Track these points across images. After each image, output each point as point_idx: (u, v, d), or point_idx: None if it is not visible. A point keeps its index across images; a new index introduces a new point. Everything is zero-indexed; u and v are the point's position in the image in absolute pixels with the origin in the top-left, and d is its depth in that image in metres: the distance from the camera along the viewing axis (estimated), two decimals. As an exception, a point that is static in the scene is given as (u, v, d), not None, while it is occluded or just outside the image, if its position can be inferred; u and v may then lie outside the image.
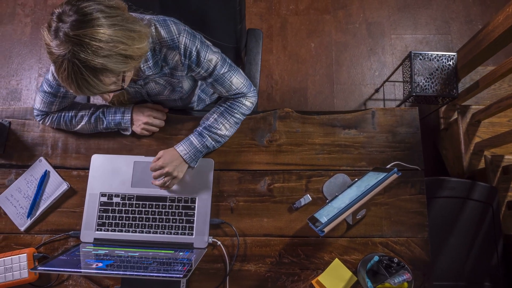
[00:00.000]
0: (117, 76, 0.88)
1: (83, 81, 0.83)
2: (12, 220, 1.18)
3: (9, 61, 2.38)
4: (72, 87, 0.84)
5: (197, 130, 1.16)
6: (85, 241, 1.15)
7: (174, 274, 0.91)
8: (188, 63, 1.05)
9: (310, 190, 1.18)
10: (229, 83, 1.12)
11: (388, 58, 2.27)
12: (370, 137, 1.21)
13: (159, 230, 1.15)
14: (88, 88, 0.84)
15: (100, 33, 0.80)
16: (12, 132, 1.25)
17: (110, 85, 0.89)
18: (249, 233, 1.15)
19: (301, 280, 1.12)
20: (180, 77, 1.11)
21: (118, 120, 1.18)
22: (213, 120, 1.16)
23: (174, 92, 1.17)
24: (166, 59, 1.04)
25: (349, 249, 1.13)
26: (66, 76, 0.82)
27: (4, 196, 1.19)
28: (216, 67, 1.09)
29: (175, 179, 1.13)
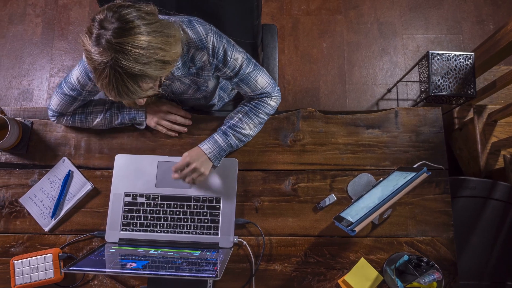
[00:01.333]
0: (154, 81, 0.89)
1: (124, 87, 0.83)
2: (36, 220, 1.18)
3: (20, 61, 2.38)
4: (112, 93, 0.85)
5: (221, 129, 1.16)
6: (110, 241, 1.15)
7: (206, 274, 0.91)
8: (215, 63, 1.05)
9: (334, 190, 1.18)
10: (255, 82, 1.12)
11: (400, 58, 2.27)
12: (393, 137, 1.21)
13: (184, 230, 1.15)
14: (127, 94, 0.85)
15: (141, 40, 0.81)
16: (35, 132, 1.25)
17: (148, 90, 0.90)
18: (274, 233, 1.15)
19: (327, 279, 1.12)
20: (206, 77, 1.11)
21: (133, 115, 1.19)
22: (237, 120, 1.16)
23: (199, 91, 1.17)
24: (194, 59, 1.05)
25: (374, 249, 1.13)
26: (107, 82, 0.82)
27: (28, 197, 1.19)
28: (242, 67, 1.09)
29: (202, 176, 1.13)
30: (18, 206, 1.19)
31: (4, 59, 2.38)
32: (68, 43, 2.39)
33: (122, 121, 1.20)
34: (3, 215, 1.19)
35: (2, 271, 1.15)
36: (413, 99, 2.21)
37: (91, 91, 1.12)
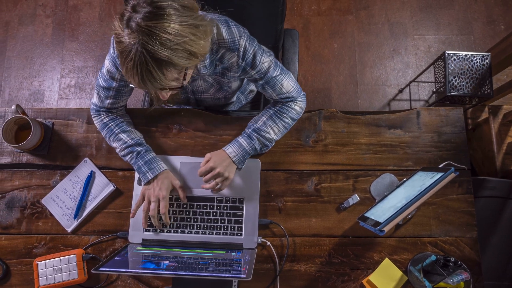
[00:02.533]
0: (179, 72, 0.88)
1: (147, 72, 0.82)
2: (59, 221, 1.18)
3: (31, 62, 2.37)
4: (136, 78, 0.84)
5: (246, 132, 1.16)
6: (133, 242, 1.15)
7: (235, 274, 0.90)
8: (243, 65, 1.05)
9: (357, 190, 1.18)
10: (280, 86, 1.12)
11: (411, 59, 2.27)
12: (415, 137, 1.21)
13: (208, 231, 1.15)
14: (150, 81, 0.84)
15: (170, 26, 0.81)
16: (56, 133, 1.25)
17: (172, 81, 0.88)
18: (298, 233, 1.15)
19: (351, 280, 1.12)
20: (231, 78, 1.11)
21: (143, 170, 1.13)
22: (262, 123, 1.15)
23: (221, 91, 1.17)
24: (222, 59, 1.04)
25: (398, 249, 1.13)
26: (131, 66, 0.82)
27: (50, 197, 1.19)
28: (269, 70, 1.08)
29: (227, 181, 1.13)
30: (40, 207, 1.19)
31: (15, 60, 2.38)
32: (78, 43, 2.39)
33: (133, 166, 1.15)
34: (25, 216, 1.19)
35: (26, 272, 1.15)
36: (425, 100, 2.21)
37: (121, 81, 1.09)
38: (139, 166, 1.12)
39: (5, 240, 1.17)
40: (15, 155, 1.23)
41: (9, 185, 1.21)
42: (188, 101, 1.29)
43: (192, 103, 1.30)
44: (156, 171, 1.12)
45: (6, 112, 1.28)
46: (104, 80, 1.10)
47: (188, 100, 1.28)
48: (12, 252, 1.16)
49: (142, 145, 1.16)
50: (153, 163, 1.13)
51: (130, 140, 1.15)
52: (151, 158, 1.13)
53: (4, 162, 1.23)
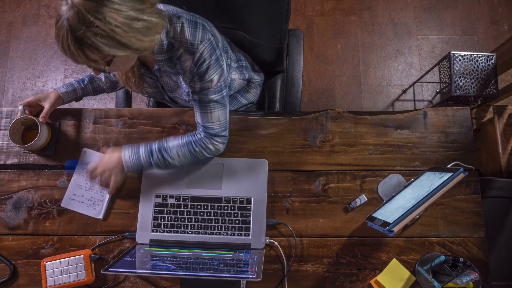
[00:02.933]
0: (103, 57, 0.87)
1: (67, 47, 0.83)
2: (87, 214, 1.18)
3: (34, 62, 2.37)
4: (59, 47, 0.85)
5: (152, 146, 1.12)
6: (140, 242, 1.15)
7: (245, 275, 0.90)
8: (194, 72, 1.03)
9: (364, 190, 1.18)
10: (209, 112, 1.08)
11: (414, 59, 2.27)
12: (422, 137, 1.21)
13: (215, 231, 1.15)
14: (71, 55, 0.85)
15: (103, 11, 0.80)
16: (62, 133, 1.25)
17: (91, 62, 0.88)
18: (305, 234, 1.15)
19: (359, 280, 1.12)
20: (185, 82, 1.10)
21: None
22: (171, 145, 1.12)
23: (186, 94, 1.16)
24: (180, 59, 1.03)
25: (406, 249, 1.13)
26: (56, 34, 0.83)
27: (68, 198, 1.19)
28: (209, 90, 1.05)
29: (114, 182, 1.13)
30: (47, 207, 1.19)
31: (18, 60, 2.38)
32: (82, 44, 2.39)
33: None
34: (32, 217, 1.19)
35: (33, 273, 1.15)
36: (429, 100, 2.21)
37: None
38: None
39: (12, 241, 1.17)
40: (22, 156, 1.23)
41: (16, 186, 1.21)
42: (163, 97, 1.27)
43: (166, 99, 1.28)
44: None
45: (12, 113, 1.28)
46: None
47: (163, 96, 1.26)
48: (20, 253, 1.16)
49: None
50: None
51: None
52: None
53: (11, 163, 1.23)
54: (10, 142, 1.24)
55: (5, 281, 1.14)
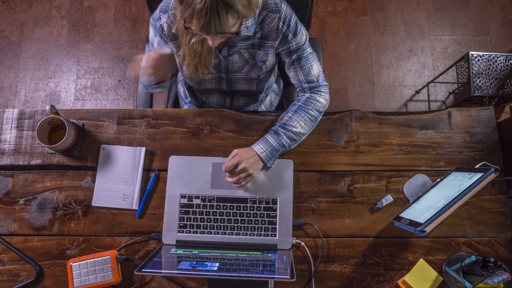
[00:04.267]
0: (237, 20, 0.91)
1: (216, 15, 0.85)
2: (122, 207, 1.18)
3: (47, 63, 2.37)
4: (202, 21, 0.86)
5: (273, 128, 1.17)
6: (167, 243, 1.15)
7: (280, 275, 0.90)
8: (284, 31, 1.07)
9: (390, 191, 1.18)
10: (310, 66, 1.14)
11: (427, 59, 2.28)
12: (447, 138, 1.22)
13: (242, 232, 1.15)
14: (215, 24, 0.87)
15: None
16: (86, 133, 1.25)
17: (231, 27, 0.91)
18: (332, 234, 1.15)
19: (386, 280, 1.12)
20: (268, 49, 1.12)
21: None
22: (287, 118, 1.16)
23: (254, 68, 1.18)
24: (263, 23, 1.06)
25: (432, 249, 1.13)
26: (200, 8, 0.84)
27: (97, 196, 1.19)
28: (305, 43, 1.12)
29: (250, 177, 1.13)
30: (72, 208, 1.19)
31: (30, 61, 2.38)
32: (94, 45, 2.39)
33: None
34: (57, 217, 1.19)
35: (59, 274, 1.15)
36: (442, 101, 2.21)
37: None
38: None
39: (38, 242, 1.17)
40: (45, 156, 1.23)
41: (40, 186, 1.21)
42: (219, 82, 1.27)
43: (224, 85, 1.29)
44: None
45: (36, 113, 1.27)
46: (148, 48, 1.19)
47: (220, 81, 1.27)
48: (45, 254, 1.16)
49: None
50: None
51: None
52: None
53: (35, 163, 1.23)
54: (33, 142, 1.24)
55: (32, 282, 1.14)
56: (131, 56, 2.36)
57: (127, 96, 2.31)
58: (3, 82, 2.34)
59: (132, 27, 2.40)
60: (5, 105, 2.31)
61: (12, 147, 1.24)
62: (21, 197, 1.20)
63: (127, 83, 2.33)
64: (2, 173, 1.22)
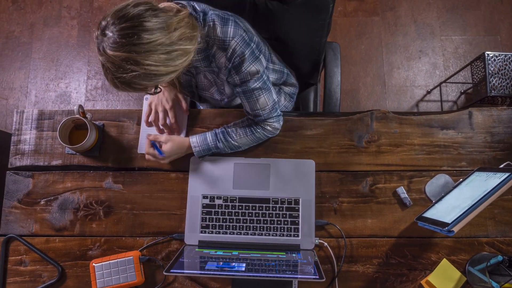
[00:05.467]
0: (151, 86, 0.93)
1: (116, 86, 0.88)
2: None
3: (57, 63, 2.37)
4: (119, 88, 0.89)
5: (216, 130, 1.17)
6: (189, 243, 1.15)
7: (309, 275, 0.90)
8: (230, 67, 1.04)
9: (412, 191, 1.18)
10: (255, 100, 1.10)
11: (438, 60, 2.28)
12: (468, 138, 1.22)
13: (264, 232, 1.15)
14: (126, 91, 0.90)
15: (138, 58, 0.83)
16: (106, 134, 1.25)
17: (146, 89, 0.93)
18: (354, 234, 1.15)
19: (410, 280, 1.12)
20: (222, 80, 1.13)
21: None
22: (234, 129, 1.16)
23: (219, 93, 1.20)
24: (214, 57, 1.06)
25: (455, 249, 1.13)
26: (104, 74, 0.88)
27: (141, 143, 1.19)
28: (250, 80, 1.06)
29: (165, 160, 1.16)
30: (94, 208, 1.19)
31: (40, 61, 2.38)
32: (104, 45, 2.38)
33: None
34: (78, 218, 1.18)
35: (81, 274, 1.14)
36: (453, 101, 2.22)
37: None
38: None
39: (59, 242, 1.17)
40: (66, 157, 1.23)
41: (61, 187, 1.21)
42: (193, 95, 1.31)
43: (196, 98, 1.32)
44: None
45: (56, 113, 1.27)
46: None
47: (193, 95, 1.30)
48: (67, 254, 1.16)
49: None
50: None
51: None
52: None
53: (55, 164, 1.23)
54: (54, 143, 1.24)
55: (54, 283, 1.13)
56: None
57: (138, 97, 2.30)
58: (14, 82, 2.34)
59: (142, 28, 2.40)
60: (16, 106, 2.31)
61: (32, 148, 1.24)
62: (42, 197, 1.20)
63: (138, 84, 2.33)
64: (23, 173, 1.22)
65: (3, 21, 2.43)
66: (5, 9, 2.45)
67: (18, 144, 1.25)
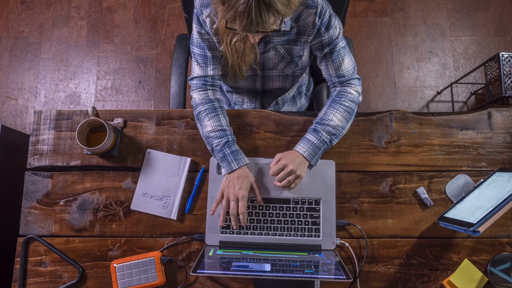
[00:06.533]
0: (277, 18, 0.93)
1: (257, 16, 0.87)
2: (159, 215, 1.18)
3: (66, 64, 2.37)
4: (244, 21, 0.88)
5: (311, 127, 1.17)
6: (210, 244, 1.14)
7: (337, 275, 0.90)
8: (319, 26, 1.07)
9: (432, 191, 1.18)
10: (341, 60, 1.14)
11: (448, 60, 2.28)
12: (487, 138, 1.22)
13: (285, 232, 1.14)
14: (258, 23, 0.88)
15: None
16: (124, 134, 1.25)
17: (272, 25, 0.92)
18: (375, 235, 1.15)
19: (431, 281, 1.12)
20: (304, 44, 1.13)
21: (228, 160, 1.13)
22: (323, 114, 1.16)
23: (291, 64, 1.19)
24: (299, 17, 1.07)
25: (476, 250, 1.13)
26: (243, 9, 0.86)
27: (137, 200, 1.18)
28: (338, 37, 1.12)
29: (298, 179, 1.12)
30: (113, 209, 1.19)
31: (50, 62, 2.37)
32: (114, 45, 2.39)
33: (215, 154, 1.16)
34: (98, 219, 1.18)
35: (101, 275, 1.14)
36: (463, 101, 2.22)
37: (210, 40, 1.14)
38: (224, 154, 1.13)
39: (79, 243, 1.16)
40: (85, 157, 1.23)
41: (80, 187, 1.21)
42: (254, 80, 1.29)
43: (258, 84, 1.30)
44: (240, 163, 1.12)
45: (73, 114, 1.27)
46: (198, 45, 1.15)
47: (255, 79, 1.28)
48: (87, 255, 1.16)
49: (232, 135, 1.17)
50: (239, 154, 1.14)
51: (227, 126, 1.17)
52: (237, 149, 1.15)
53: (74, 164, 1.23)
54: (72, 143, 1.23)
55: (75, 283, 1.13)
56: (150, 57, 2.35)
57: (147, 97, 2.30)
58: (23, 83, 2.34)
59: (152, 28, 2.40)
60: (25, 107, 2.31)
61: (50, 148, 1.24)
62: (61, 198, 1.20)
63: (148, 84, 2.33)
64: (41, 174, 1.22)
65: (12, 22, 2.43)
66: (14, 9, 2.45)
67: (36, 145, 1.24)
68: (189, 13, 1.35)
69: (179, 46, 1.54)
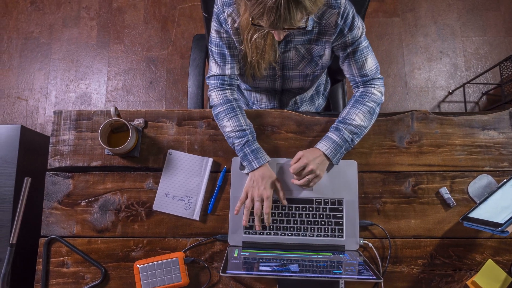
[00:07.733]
0: (304, 15, 0.92)
1: (286, 11, 0.87)
2: (181, 215, 1.17)
3: (77, 64, 2.37)
4: (272, 17, 0.88)
5: (333, 125, 1.17)
6: (233, 244, 1.14)
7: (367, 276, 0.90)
8: (341, 26, 1.08)
9: (455, 191, 1.18)
10: (364, 60, 1.14)
11: (459, 60, 2.28)
12: (509, 138, 1.22)
13: (308, 233, 1.14)
14: (285, 19, 0.88)
15: None
16: (145, 135, 1.24)
17: (298, 22, 0.92)
18: (398, 235, 1.15)
19: (455, 281, 1.12)
20: (325, 44, 1.13)
21: (249, 159, 1.14)
22: (346, 113, 1.16)
23: (310, 64, 1.19)
24: (322, 18, 1.07)
25: (500, 250, 1.13)
26: (271, 4, 0.85)
27: (159, 200, 1.18)
28: (361, 37, 1.12)
29: (317, 178, 1.12)
30: (135, 209, 1.18)
31: (60, 62, 2.37)
32: (124, 46, 2.39)
33: (237, 151, 1.16)
34: (120, 219, 1.18)
35: (124, 276, 1.14)
36: (475, 102, 2.22)
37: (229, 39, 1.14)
38: (245, 153, 1.13)
39: (102, 244, 1.16)
40: (105, 158, 1.23)
41: (101, 188, 1.20)
42: (274, 80, 1.29)
43: (278, 83, 1.31)
44: (261, 161, 1.13)
45: (93, 114, 1.27)
46: (216, 44, 1.15)
47: (274, 79, 1.28)
48: (110, 256, 1.15)
49: (252, 133, 1.17)
50: (259, 152, 1.14)
51: (246, 125, 1.17)
52: (257, 147, 1.15)
53: (95, 165, 1.22)
54: (93, 144, 1.23)
55: (98, 284, 1.13)
56: (161, 57, 2.35)
57: (159, 98, 2.30)
58: (34, 83, 2.34)
59: (162, 28, 2.40)
60: (36, 107, 2.30)
61: (71, 149, 1.23)
62: (82, 199, 1.20)
63: (159, 85, 2.33)
64: (62, 174, 1.21)
65: (22, 22, 2.42)
66: (24, 9, 2.44)
67: (56, 145, 1.24)
68: (208, 13, 1.35)
69: (196, 46, 1.54)
